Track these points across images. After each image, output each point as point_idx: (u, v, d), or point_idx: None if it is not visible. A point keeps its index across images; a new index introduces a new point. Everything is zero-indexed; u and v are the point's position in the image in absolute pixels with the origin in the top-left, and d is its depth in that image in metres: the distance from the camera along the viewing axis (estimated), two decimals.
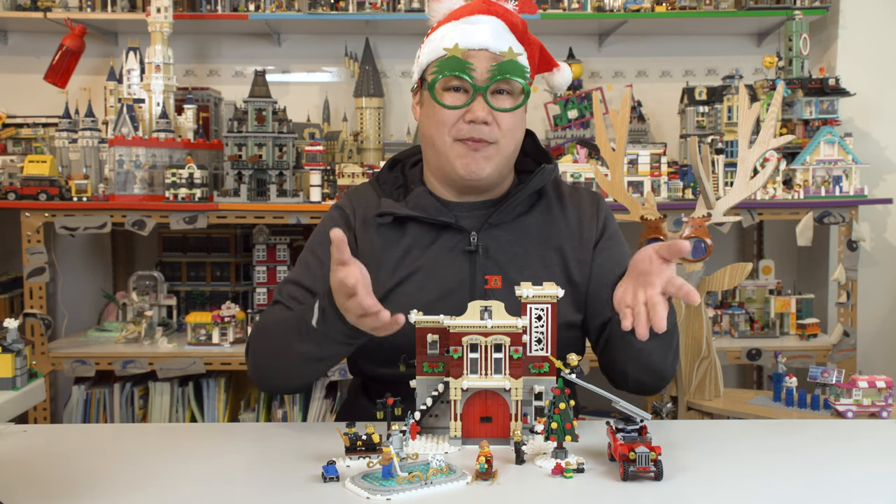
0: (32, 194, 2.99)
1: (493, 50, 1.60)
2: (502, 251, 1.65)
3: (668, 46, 3.63)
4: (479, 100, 1.59)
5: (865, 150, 3.36)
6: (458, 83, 1.60)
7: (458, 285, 1.62)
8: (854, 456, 1.38)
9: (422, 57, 1.68)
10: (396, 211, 1.66)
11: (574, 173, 3.04)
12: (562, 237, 1.68)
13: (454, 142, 1.61)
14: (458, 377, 1.34)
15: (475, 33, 1.60)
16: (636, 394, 1.70)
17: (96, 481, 1.24)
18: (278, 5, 3.30)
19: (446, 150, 1.62)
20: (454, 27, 1.63)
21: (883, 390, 1.91)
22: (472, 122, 1.59)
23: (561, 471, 1.24)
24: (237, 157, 3.10)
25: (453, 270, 1.63)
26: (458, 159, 1.61)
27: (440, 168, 1.67)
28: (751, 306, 3.23)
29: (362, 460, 1.27)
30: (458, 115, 1.60)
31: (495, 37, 1.61)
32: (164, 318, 3.29)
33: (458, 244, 1.65)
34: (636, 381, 1.62)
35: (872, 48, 3.43)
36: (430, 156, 1.69)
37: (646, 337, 1.31)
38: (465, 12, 1.64)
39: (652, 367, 1.58)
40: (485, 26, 1.61)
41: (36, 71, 3.34)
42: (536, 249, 1.66)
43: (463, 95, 1.61)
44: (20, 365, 1.84)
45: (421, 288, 1.61)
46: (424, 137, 1.68)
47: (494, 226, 1.66)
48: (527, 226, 1.68)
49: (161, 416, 3.16)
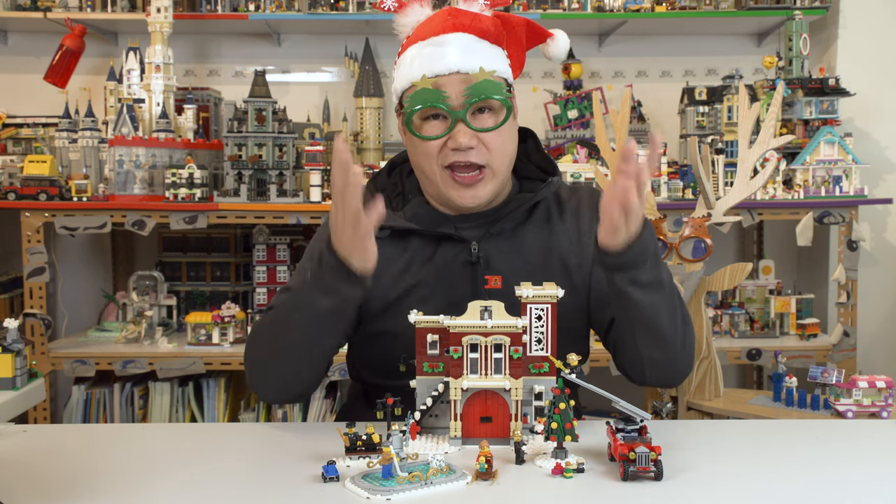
0: (32, 194, 2.99)
1: (465, 71, 1.54)
2: (504, 261, 1.62)
3: (668, 46, 3.63)
4: (459, 125, 1.54)
5: (865, 150, 3.37)
6: (435, 111, 1.55)
7: (461, 297, 1.55)
8: (854, 456, 1.37)
9: (395, 82, 1.63)
10: (396, 225, 1.63)
11: (574, 173, 3.03)
12: (562, 244, 1.65)
13: (444, 169, 1.58)
14: (458, 377, 1.34)
15: (444, 57, 1.54)
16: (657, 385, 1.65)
17: (96, 481, 1.24)
18: (278, 5, 3.30)
19: (437, 179, 1.59)
20: (420, 50, 1.57)
21: (883, 390, 1.90)
22: (456, 149, 1.54)
23: (561, 471, 1.24)
24: (237, 157, 3.10)
25: (456, 282, 1.61)
26: (451, 190, 1.58)
27: (437, 194, 1.64)
28: (751, 306, 3.23)
29: (362, 460, 1.27)
30: (441, 143, 1.56)
31: (464, 56, 1.55)
32: (164, 318, 3.29)
33: (459, 255, 1.63)
34: (651, 362, 1.55)
35: (872, 48, 3.43)
36: (423, 181, 1.65)
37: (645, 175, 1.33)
38: (430, 31, 1.58)
39: (661, 335, 1.51)
40: (451, 47, 1.55)
41: (36, 71, 3.34)
42: (537, 258, 1.64)
43: (442, 122, 1.56)
44: (20, 365, 1.85)
45: (424, 301, 1.57)
46: (414, 165, 1.65)
47: (495, 235, 1.63)
48: (527, 235, 1.65)
49: (161, 416, 3.16)
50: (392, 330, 1.58)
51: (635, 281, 1.46)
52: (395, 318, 1.55)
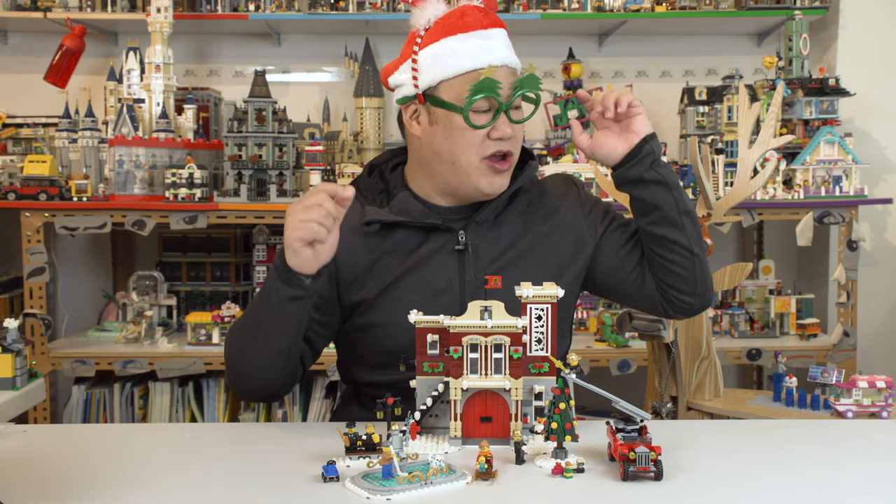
0: (32, 194, 2.99)
1: (512, 65, 1.62)
2: (490, 248, 1.66)
3: (668, 46, 3.63)
4: (502, 116, 1.60)
5: (865, 150, 3.36)
6: (484, 104, 1.59)
7: (447, 285, 1.63)
8: (854, 456, 1.38)
9: (427, 70, 1.61)
10: (383, 218, 1.65)
11: (574, 173, 3.03)
12: (547, 225, 1.71)
13: (481, 161, 1.61)
14: (458, 377, 1.34)
15: (493, 50, 1.60)
16: (686, 309, 1.69)
17: (96, 481, 1.24)
18: (278, 5, 3.30)
19: (471, 169, 1.62)
20: (464, 43, 1.59)
21: (883, 390, 1.91)
22: (499, 139, 1.60)
23: (561, 471, 1.24)
24: (237, 157, 3.10)
25: (443, 270, 1.64)
26: (483, 178, 1.62)
27: (455, 184, 1.65)
28: (751, 306, 3.23)
29: (362, 460, 1.27)
30: (483, 135, 1.60)
31: (509, 51, 1.63)
32: (164, 318, 3.29)
33: (446, 244, 1.66)
34: (681, 277, 1.64)
35: (872, 48, 3.43)
36: (443, 173, 1.65)
37: None
38: (467, 26, 1.60)
39: (686, 245, 1.62)
40: (497, 42, 1.61)
41: (36, 71, 3.33)
42: (523, 242, 1.68)
43: (485, 116, 1.60)
44: (20, 365, 1.85)
45: (411, 289, 1.61)
46: (440, 155, 1.64)
47: (480, 223, 1.67)
48: (511, 220, 1.70)
49: (161, 416, 3.15)
50: (380, 321, 1.61)
51: (656, 164, 1.63)
52: (385, 308, 1.60)
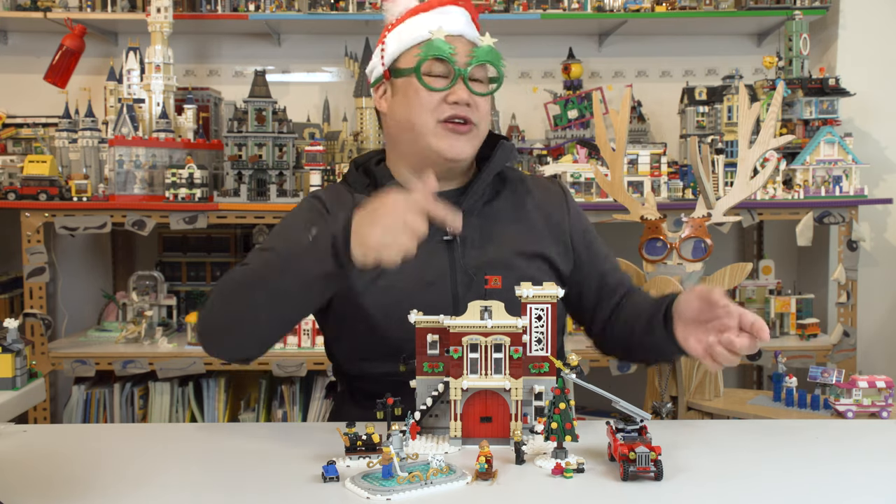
0: (32, 194, 2.99)
1: (469, 37, 1.68)
2: (478, 237, 1.68)
3: (668, 46, 3.63)
4: (460, 83, 1.64)
5: (865, 150, 3.36)
6: (440, 68, 1.64)
7: (438, 275, 1.64)
8: (854, 456, 1.38)
9: (390, 47, 1.70)
10: None
11: (574, 173, 3.03)
12: (533, 217, 1.74)
13: (437, 124, 1.64)
14: (458, 377, 1.34)
15: (451, 20, 1.67)
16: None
17: (96, 481, 1.24)
18: (278, 5, 3.30)
19: (428, 133, 1.65)
20: (426, 17, 1.68)
21: (883, 390, 1.90)
22: (455, 103, 1.64)
23: (561, 471, 1.24)
24: (237, 157, 3.10)
25: (432, 260, 1.64)
26: (443, 140, 1.65)
27: (419, 153, 1.68)
28: (751, 306, 3.23)
29: (362, 460, 1.27)
30: (440, 98, 1.64)
31: (469, 25, 1.69)
32: (164, 318, 3.29)
33: (434, 234, 1.63)
34: (646, 361, 1.78)
35: (872, 48, 3.43)
36: (406, 143, 1.70)
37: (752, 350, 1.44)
38: (432, 4, 1.69)
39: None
40: (457, 15, 1.69)
41: (36, 71, 3.33)
42: (510, 231, 1.71)
43: (442, 80, 1.65)
44: (20, 365, 1.85)
45: (401, 279, 1.59)
46: (400, 124, 1.69)
47: (466, 213, 1.67)
48: (497, 210, 1.73)
49: (161, 416, 3.16)
50: (369, 309, 1.62)
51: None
52: (375, 298, 1.61)
